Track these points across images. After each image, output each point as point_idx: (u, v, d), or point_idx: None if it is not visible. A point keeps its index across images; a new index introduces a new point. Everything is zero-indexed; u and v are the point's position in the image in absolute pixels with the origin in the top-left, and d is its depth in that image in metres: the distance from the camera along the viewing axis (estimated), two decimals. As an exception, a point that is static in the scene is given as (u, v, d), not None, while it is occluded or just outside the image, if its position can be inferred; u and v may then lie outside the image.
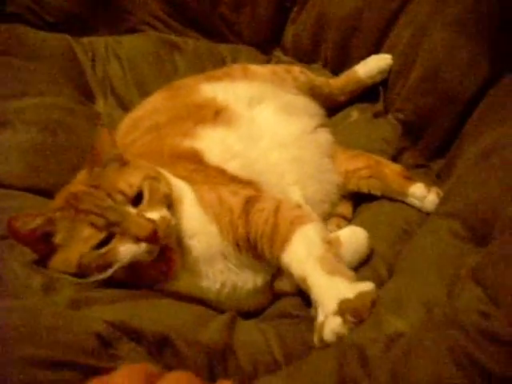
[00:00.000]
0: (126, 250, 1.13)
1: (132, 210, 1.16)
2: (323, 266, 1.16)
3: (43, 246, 1.16)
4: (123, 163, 1.23)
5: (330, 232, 1.54)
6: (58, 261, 1.16)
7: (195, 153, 1.45)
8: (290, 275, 1.23)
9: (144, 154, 1.46)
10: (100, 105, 2.01)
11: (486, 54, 1.60)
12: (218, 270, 1.27)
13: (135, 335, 1.04)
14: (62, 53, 2.01)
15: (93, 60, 2.08)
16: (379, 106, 1.87)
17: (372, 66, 1.90)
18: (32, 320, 0.99)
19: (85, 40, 2.12)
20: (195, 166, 1.43)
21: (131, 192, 1.17)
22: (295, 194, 1.54)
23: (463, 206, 1.29)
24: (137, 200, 1.18)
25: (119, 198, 1.15)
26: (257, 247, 1.27)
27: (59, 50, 2.01)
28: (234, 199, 1.32)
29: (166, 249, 1.19)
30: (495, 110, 1.51)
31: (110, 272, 1.13)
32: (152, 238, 1.13)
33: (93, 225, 1.13)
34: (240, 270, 1.30)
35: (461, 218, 1.27)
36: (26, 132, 1.62)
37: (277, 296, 1.36)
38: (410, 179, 1.57)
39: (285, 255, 1.22)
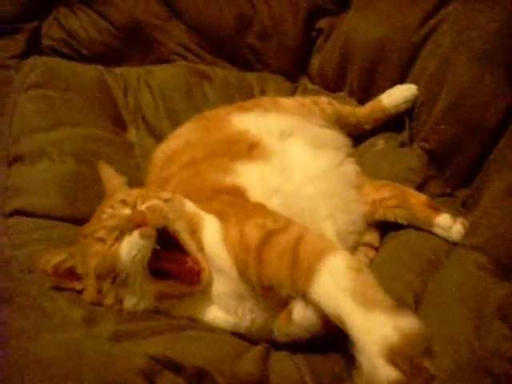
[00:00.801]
0: (124, 244, 1.20)
1: (127, 211, 1.24)
2: (357, 300, 1.07)
3: (72, 280, 1.25)
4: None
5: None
6: (85, 289, 1.25)
7: (238, 189, 1.48)
8: (322, 311, 1.14)
9: (184, 191, 1.48)
10: (132, 134, 2.07)
11: (509, 84, 1.63)
12: (247, 308, 1.27)
13: (175, 368, 1.07)
14: (96, 83, 2.09)
15: (125, 90, 2.15)
16: (405, 136, 1.90)
17: (397, 95, 1.93)
18: (76, 356, 1.04)
19: (117, 70, 2.19)
20: (234, 199, 1.43)
21: (131, 199, 1.27)
22: (328, 229, 1.54)
23: (489, 240, 1.32)
24: None
25: (119, 205, 1.25)
26: (273, 288, 1.20)
27: (93, 80, 2.09)
28: (256, 234, 1.25)
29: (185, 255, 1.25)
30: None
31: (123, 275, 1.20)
32: (140, 222, 1.19)
33: (98, 239, 1.22)
34: (270, 308, 1.27)
35: (487, 252, 1.30)
36: (63, 163, 1.70)
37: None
38: (436, 209, 1.59)
39: (312, 290, 1.14)
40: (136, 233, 1.19)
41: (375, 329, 1.03)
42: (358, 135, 1.99)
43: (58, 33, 2.20)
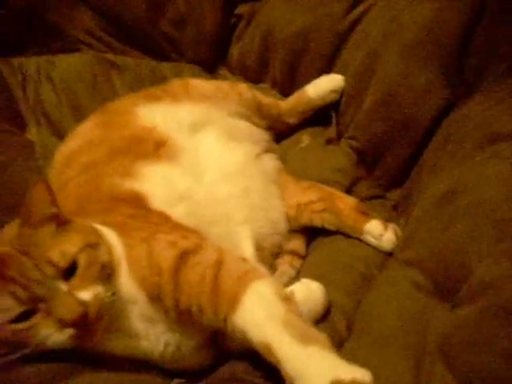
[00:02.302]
0: (48, 335, 0.99)
1: (62, 287, 1.01)
2: (291, 332, 0.99)
3: None
4: (61, 224, 1.07)
5: (283, 273, 1.48)
6: None
7: (137, 196, 1.32)
8: (246, 340, 1.04)
9: (80, 198, 1.33)
10: (33, 133, 1.86)
11: (441, 81, 1.53)
12: (158, 330, 1.14)
13: None
14: (-12, 76, 1.86)
15: (23, 83, 1.94)
16: (331, 132, 1.79)
17: (323, 85, 1.82)
18: None
19: (14, 61, 1.98)
20: (135, 210, 1.29)
21: (63, 263, 1.02)
22: (245, 234, 1.43)
23: (425, 255, 1.22)
24: (70, 271, 1.03)
25: (49, 270, 1.00)
26: (191, 312, 1.10)
27: (-16, 73, 1.86)
28: (168, 254, 1.14)
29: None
30: (453, 142, 1.43)
31: (24, 352, 0.99)
32: (79, 322, 0.99)
33: (14, 295, 0.98)
34: (181, 330, 1.16)
35: (423, 268, 1.20)
36: None
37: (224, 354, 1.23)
38: (366, 215, 1.49)
39: (236, 317, 1.04)
40: (69, 331, 1.00)
41: (315, 365, 0.95)
42: (281, 131, 1.86)
43: None
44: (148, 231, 1.20)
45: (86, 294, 1.01)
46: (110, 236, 1.17)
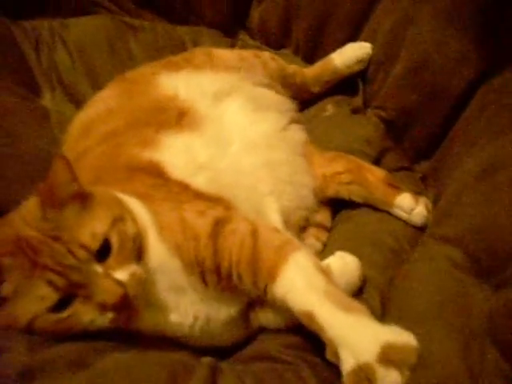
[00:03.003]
0: (91, 320, 0.97)
1: (98, 270, 0.98)
2: (333, 301, 1.01)
3: None
4: (84, 199, 1.03)
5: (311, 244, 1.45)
6: (2, 314, 0.97)
7: (155, 165, 1.28)
8: (285, 309, 1.07)
9: (99, 168, 1.29)
10: (47, 99, 1.80)
11: (478, 49, 1.47)
12: (188, 301, 1.12)
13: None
14: (0, 39, 1.80)
15: (36, 47, 1.87)
16: (358, 101, 1.73)
17: (350, 54, 1.76)
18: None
19: (26, 24, 1.91)
20: (154, 180, 1.25)
21: (95, 245, 0.98)
22: (271, 206, 1.39)
23: (464, 231, 1.18)
24: (102, 251, 0.99)
25: (82, 254, 0.96)
26: (231, 277, 1.10)
27: (-3, 36, 1.79)
28: (201, 221, 1.14)
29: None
30: (489, 115, 1.37)
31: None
32: (121, 304, 0.97)
33: (51, 283, 0.94)
34: (212, 301, 1.14)
35: (462, 246, 1.16)
36: (-37, 139, 1.42)
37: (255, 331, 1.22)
38: (396, 188, 1.45)
39: (276, 287, 1.06)
40: (111, 315, 0.97)
41: (362, 332, 0.98)
42: (304, 99, 1.80)
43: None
44: (173, 201, 1.19)
45: (122, 274, 0.99)
46: (134, 204, 1.13)
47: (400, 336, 0.96)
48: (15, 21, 1.90)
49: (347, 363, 0.96)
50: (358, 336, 0.97)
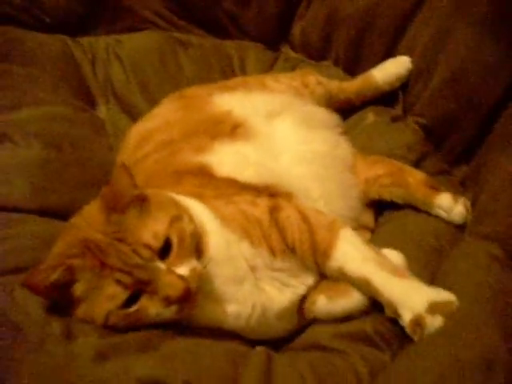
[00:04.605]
0: (157, 314, 1.06)
1: (161, 267, 1.06)
2: (385, 268, 1.18)
3: (60, 296, 1.07)
4: (142, 203, 1.12)
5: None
6: (80, 312, 1.08)
7: (203, 167, 1.37)
8: (344, 279, 1.22)
9: (155, 173, 1.38)
10: (102, 110, 1.91)
11: (513, 56, 1.52)
12: (247, 290, 1.20)
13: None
14: (61, 55, 1.91)
15: (93, 62, 1.99)
16: (398, 109, 1.80)
17: (390, 71, 1.82)
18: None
19: (83, 41, 2.02)
20: (202, 180, 1.35)
21: (157, 244, 1.07)
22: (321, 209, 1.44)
23: (502, 228, 1.24)
24: (164, 249, 1.08)
25: (146, 253, 1.05)
26: (295, 251, 1.25)
27: (57, 52, 1.91)
28: (257, 210, 1.27)
29: None
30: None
31: None
32: (184, 297, 1.05)
33: (119, 282, 1.04)
34: (270, 286, 1.23)
35: (500, 241, 1.21)
36: (28, 147, 1.52)
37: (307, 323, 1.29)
38: (436, 189, 1.50)
39: (333, 260, 1.22)
40: (175, 307, 1.06)
41: (413, 292, 1.15)
42: (344, 109, 1.86)
43: (18, -2, 2.00)
44: (223, 196, 1.29)
45: (183, 269, 1.07)
46: (190, 203, 1.22)
47: (443, 294, 1.14)
48: (73, 38, 2.01)
49: (406, 316, 1.13)
50: (410, 295, 1.14)
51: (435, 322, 1.10)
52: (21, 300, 1.10)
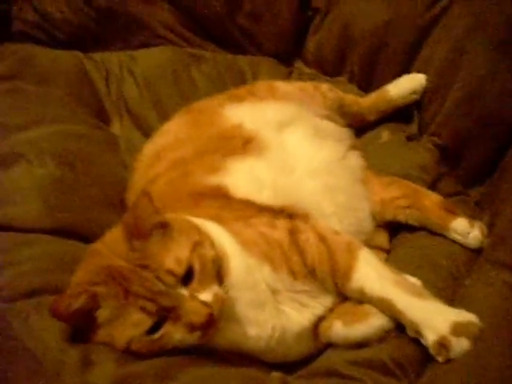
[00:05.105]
0: (180, 340, 1.06)
1: (185, 293, 1.06)
2: (405, 289, 1.19)
3: (83, 322, 1.07)
4: (165, 229, 1.11)
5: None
6: (100, 339, 1.08)
7: (220, 189, 1.37)
8: (365, 300, 1.22)
9: (167, 195, 1.37)
10: (116, 127, 1.91)
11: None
12: (268, 313, 1.20)
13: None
14: (74, 71, 1.92)
15: (106, 78, 1.99)
16: (413, 128, 1.79)
17: (405, 86, 1.81)
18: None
19: (97, 57, 2.03)
20: (220, 202, 1.34)
21: (180, 270, 1.07)
22: (334, 226, 1.43)
23: (519, 256, 1.22)
24: (186, 276, 1.08)
25: (169, 279, 1.05)
26: (315, 273, 1.25)
27: (71, 69, 1.92)
28: (277, 233, 1.27)
29: None
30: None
31: None
32: (208, 323, 1.05)
33: (143, 309, 1.03)
34: (290, 308, 1.24)
35: (518, 270, 1.20)
36: (42, 166, 1.52)
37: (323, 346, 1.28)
38: (452, 212, 1.48)
39: (354, 281, 1.23)
40: (199, 333, 1.06)
41: (436, 313, 1.15)
42: (360, 126, 1.86)
43: (30, 15, 1.99)
44: (241, 218, 1.29)
45: (206, 296, 1.07)
46: (210, 227, 1.21)
47: (465, 315, 1.14)
48: (87, 54, 2.01)
49: (430, 338, 1.13)
50: (433, 316, 1.14)
51: (461, 343, 1.10)
52: (37, 326, 1.10)
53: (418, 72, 1.80)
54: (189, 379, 1.06)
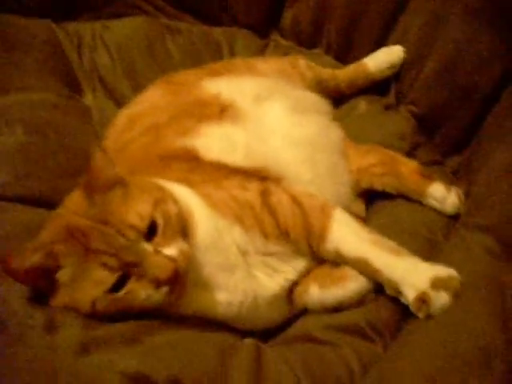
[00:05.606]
0: (146, 297, 1.03)
1: (148, 248, 1.03)
2: (382, 247, 1.18)
3: (43, 283, 1.03)
4: (125, 187, 1.08)
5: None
6: (63, 300, 1.04)
7: (188, 151, 1.34)
8: (342, 261, 1.22)
9: (141, 159, 1.35)
10: (88, 98, 1.86)
11: (508, 46, 1.50)
12: (238, 278, 1.18)
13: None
14: (45, 41, 1.86)
15: (79, 48, 1.94)
16: (390, 98, 1.78)
17: (383, 59, 1.79)
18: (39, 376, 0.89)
19: (69, 26, 1.97)
20: (189, 164, 1.31)
21: (143, 225, 1.04)
22: None
23: (496, 219, 1.22)
24: (149, 231, 1.05)
25: (131, 234, 1.02)
26: (289, 235, 1.23)
27: (42, 37, 1.85)
28: (248, 194, 1.25)
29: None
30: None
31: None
32: (174, 278, 1.02)
33: (105, 266, 1.00)
34: (261, 273, 1.21)
35: (495, 233, 1.20)
36: (12, 134, 1.48)
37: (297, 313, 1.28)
38: (429, 178, 1.47)
39: (329, 242, 1.21)
40: (165, 289, 1.03)
41: (414, 269, 1.15)
42: (336, 97, 1.83)
43: (-2, -19, 1.94)
44: (211, 181, 1.26)
45: (171, 250, 1.04)
46: (176, 189, 1.19)
47: (444, 270, 1.14)
48: (59, 24, 1.96)
49: (409, 295, 1.12)
50: (412, 272, 1.14)
51: (441, 298, 1.10)
52: (3, 291, 1.06)
53: (396, 42, 1.78)
54: (157, 343, 1.04)
